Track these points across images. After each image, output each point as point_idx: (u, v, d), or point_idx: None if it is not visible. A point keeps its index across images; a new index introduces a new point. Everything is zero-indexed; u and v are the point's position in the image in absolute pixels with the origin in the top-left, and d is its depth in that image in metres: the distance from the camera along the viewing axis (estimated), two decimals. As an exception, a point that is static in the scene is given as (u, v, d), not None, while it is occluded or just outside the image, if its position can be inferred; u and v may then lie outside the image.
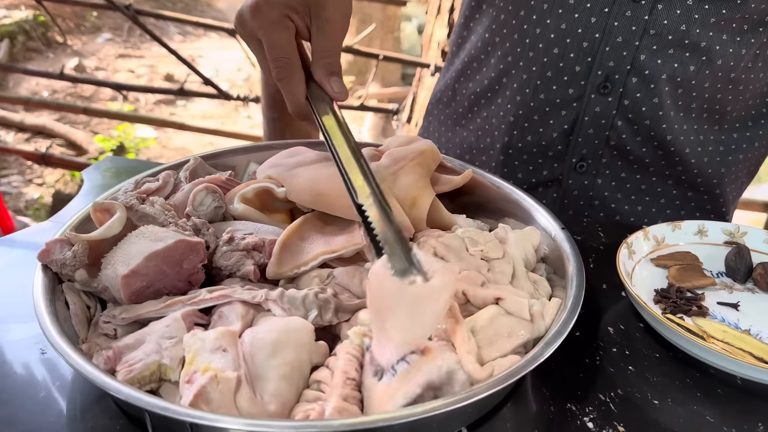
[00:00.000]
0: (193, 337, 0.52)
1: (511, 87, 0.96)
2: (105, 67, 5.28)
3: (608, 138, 0.92)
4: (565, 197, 0.99)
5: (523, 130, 0.97)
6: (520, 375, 0.49)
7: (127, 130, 4.02)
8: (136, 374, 0.51)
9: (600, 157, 0.94)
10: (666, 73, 0.85)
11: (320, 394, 0.51)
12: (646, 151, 0.92)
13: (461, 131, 1.07)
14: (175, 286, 0.60)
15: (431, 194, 0.73)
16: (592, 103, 0.90)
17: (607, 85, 0.88)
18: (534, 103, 0.94)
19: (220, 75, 5.31)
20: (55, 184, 3.61)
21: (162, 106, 4.76)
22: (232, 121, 4.70)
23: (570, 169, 0.96)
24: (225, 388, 0.48)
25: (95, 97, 4.72)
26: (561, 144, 0.95)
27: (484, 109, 1.02)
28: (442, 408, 0.45)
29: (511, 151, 0.99)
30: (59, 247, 0.60)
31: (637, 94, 0.88)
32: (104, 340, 0.57)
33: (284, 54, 0.66)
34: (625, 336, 0.66)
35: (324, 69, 0.68)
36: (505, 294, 0.57)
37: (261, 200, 0.74)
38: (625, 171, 0.95)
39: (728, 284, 0.73)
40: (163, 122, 3.14)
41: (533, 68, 0.92)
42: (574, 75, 0.89)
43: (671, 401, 0.58)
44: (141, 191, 0.71)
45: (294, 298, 0.58)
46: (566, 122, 0.93)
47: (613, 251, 0.73)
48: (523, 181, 1.01)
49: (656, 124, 0.89)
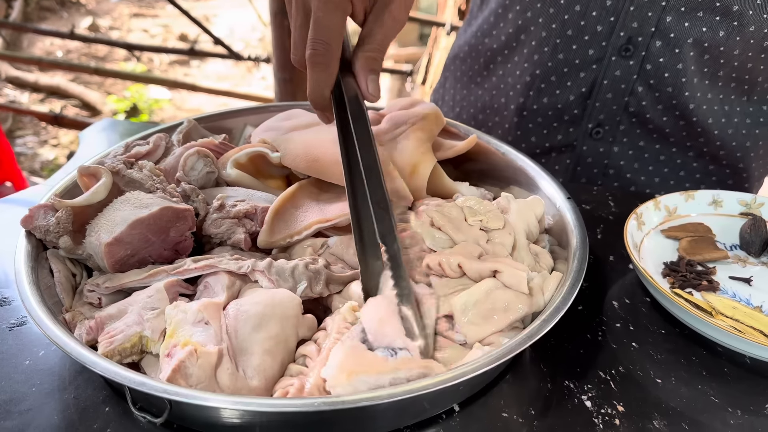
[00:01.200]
0: (175, 309, 0.50)
1: (529, 45, 0.91)
2: (119, 27, 5.24)
3: (627, 104, 0.87)
4: (578, 164, 0.95)
5: (539, 92, 0.92)
6: (514, 354, 0.47)
7: (140, 91, 3.99)
8: (117, 346, 0.49)
9: (618, 123, 0.90)
10: (693, 37, 0.80)
11: (304, 368, 0.49)
12: (666, 120, 0.87)
13: (476, 89, 1.03)
14: (162, 254, 0.58)
15: (432, 161, 0.70)
16: (613, 66, 0.85)
17: (629, 48, 0.83)
18: (552, 63, 0.89)
19: (234, 35, 5.24)
20: (70, 145, 3.61)
21: (176, 67, 4.72)
22: (246, 82, 4.65)
23: (585, 135, 0.92)
24: (205, 363, 0.46)
25: (109, 57, 4.69)
26: (577, 108, 0.91)
27: (500, 67, 0.98)
28: (432, 387, 0.43)
29: (525, 112, 0.95)
30: (43, 213, 0.58)
31: (660, 58, 0.82)
32: (88, 309, 0.55)
33: (329, 38, 0.58)
34: (631, 311, 0.64)
35: (366, 62, 0.62)
36: (503, 267, 0.54)
37: (255, 165, 0.72)
38: (643, 140, 0.90)
39: (742, 258, 0.70)
40: (176, 83, 3.10)
41: (553, 25, 0.87)
42: (595, 35, 0.85)
43: (675, 380, 0.56)
44: (130, 155, 0.68)
45: (282, 269, 0.55)
46: (584, 85, 0.89)
47: (623, 221, 0.70)
48: (536, 145, 0.97)
49: (679, 92, 0.84)
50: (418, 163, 0.69)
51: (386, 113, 0.78)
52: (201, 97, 4.18)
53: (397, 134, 0.73)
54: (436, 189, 0.72)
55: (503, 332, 0.52)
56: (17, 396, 0.51)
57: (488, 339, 0.51)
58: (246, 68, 4.74)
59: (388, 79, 4.16)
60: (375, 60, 0.63)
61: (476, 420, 0.51)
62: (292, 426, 0.47)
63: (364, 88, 0.62)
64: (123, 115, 3.78)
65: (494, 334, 0.52)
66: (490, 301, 0.53)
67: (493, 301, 0.53)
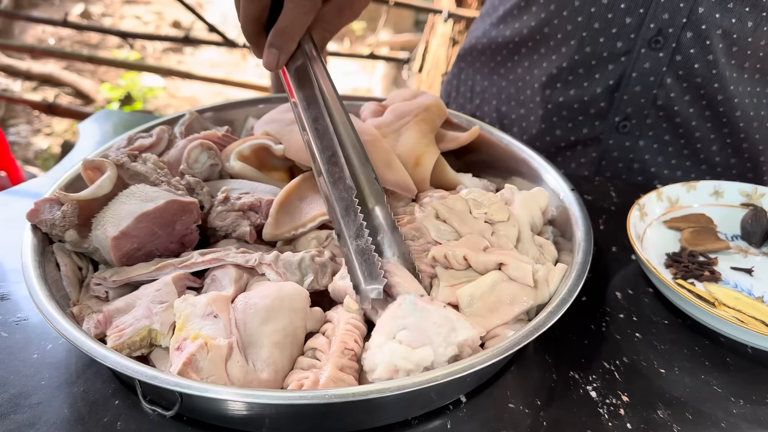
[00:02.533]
0: (184, 302, 0.50)
1: (554, 37, 0.90)
2: (111, 14, 5.19)
3: (655, 97, 0.87)
4: (603, 158, 0.94)
5: (566, 84, 0.91)
6: (520, 346, 0.47)
7: (133, 79, 3.96)
8: (126, 340, 0.50)
9: (645, 117, 0.89)
10: (722, 28, 0.79)
11: (315, 361, 0.49)
12: (693, 112, 0.87)
13: (499, 81, 1.02)
14: (168, 248, 0.59)
15: (436, 152, 0.71)
16: (642, 59, 0.84)
17: (659, 39, 0.82)
18: (579, 56, 0.88)
19: (228, 21, 5.20)
20: (64, 133, 3.59)
21: (170, 55, 4.68)
22: (240, 69, 4.62)
23: (612, 129, 0.91)
24: (215, 356, 0.46)
25: (102, 45, 4.64)
26: (604, 101, 0.90)
27: (524, 59, 0.97)
28: (440, 379, 0.44)
29: (550, 105, 0.94)
30: (48, 207, 0.58)
31: (690, 50, 0.82)
32: (96, 303, 0.56)
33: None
34: (634, 301, 0.64)
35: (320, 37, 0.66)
36: (508, 259, 0.55)
37: (258, 157, 0.72)
38: (669, 133, 0.90)
39: (743, 248, 0.71)
40: (170, 71, 3.09)
41: (579, 18, 0.86)
42: (624, 27, 0.84)
43: (678, 370, 0.57)
44: (134, 148, 0.68)
45: (289, 262, 0.56)
46: (612, 78, 0.88)
47: (625, 212, 0.70)
48: (561, 138, 0.96)
49: (708, 83, 0.83)
50: (421, 155, 0.70)
51: (388, 104, 0.78)
52: (195, 85, 4.15)
53: (400, 126, 0.73)
54: (440, 180, 0.72)
55: (508, 324, 0.52)
56: (27, 390, 0.51)
57: (494, 331, 0.52)
58: (240, 55, 4.70)
59: (382, 66, 4.15)
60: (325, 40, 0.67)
61: (483, 410, 0.51)
62: (302, 417, 0.48)
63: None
64: (117, 104, 3.75)
65: (500, 327, 0.52)
66: (496, 293, 0.53)
67: (499, 293, 0.53)
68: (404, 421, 0.50)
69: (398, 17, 4.71)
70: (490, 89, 1.03)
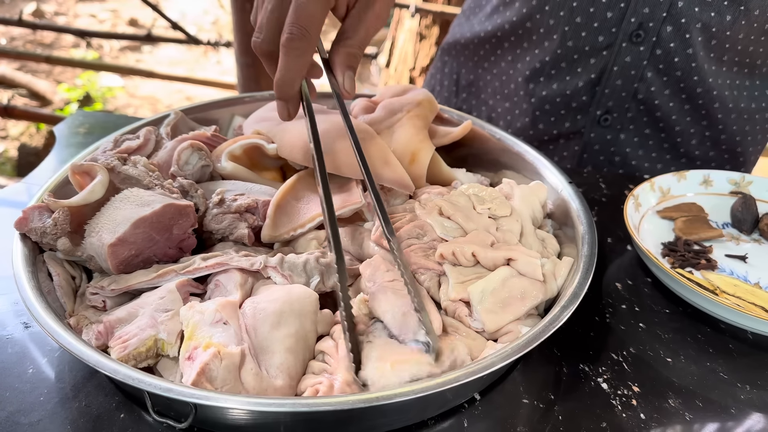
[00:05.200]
0: (191, 310, 0.48)
1: (537, 32, 0.90)
2: (65, 12, 5.04)
3: (636, 90, 0.88)
4: (585, 151, 0.95)
5: (549, 78, 0.92)
6: (539, 341, 0.47)
7: (91, 79, 3.85)
8: (132, 351, 0.48)
9: (626, 110, 0.90)
10: (702, 22, 0.80)
11: (326, 365, 0.48)
12: (673, 106, 0.88)
13: (484, 74, 1.02)
14: (166, 253, 0.57)
15: (431, 148, 0.70)
16: (623, 53, 0.85)
17: (639, 33, 0.83)
18: (561, 50, 0.89)
19: (187, 18, 5.10)
20: (20, 137, 3.47)
21: (127, 53, 4.57)
22: (201, 66, 4.53)
23: (593, 122, 0.92)
24: (229, 364, 0.45)
25: (57, 45, 4.51)
26: (586, 95, 0.91)
27: (507, 53, 0.97)
28: (461, 380, 0.43)
29: (534, 99, 0.94)
30: (38, 214, 0.55)
31: (670, 43, 0.83)
32: (93, 313, 0.53)
33: (310, 24, 0.55)
34: (634, 292, 0.65)
35: (346, 58, 0.60)
36: (517, 254, 0.54)
37: (250, 157, 0.70)
38: (649, 127, 0.91)
39: (734, 235, 0.72)
40: (132, 70, 3.01)
41: (561, 13, 0.86)
42: (605, 21, 0.84)
43: (684, 358, 0.57)
44: (121, 150, 0.66)
45: (294, 264, 0.54)
46: (594, 71, 0.88)
47: (616, 203, 0.71)
48: (544, 131, 0.96)
49: (687, 76, 0.85)
50: (417, 151, 0.69)
51: (379, 100, 0.77)
52: (155, 83, 4.07)
53: (393, 122, 0.72)
54: (434, 176, 0.71)
55: (520, 320, 0.52)
56: (25, 407, 0.49)
57: (506, 327, 0.51)
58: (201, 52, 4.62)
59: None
60: (354, 57, 0.61)
61: (498, 407, 0.51)
62: (319, 423, 0.47)
63: (341, 83, 0.61)
64: (76, 105, 3.65)
65: (512, 322, 0.52)
66: (507, 289, 0.53)
67: (510, 289, 0.53)
68: (421, 422, 0.49)
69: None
70: (477, 83, 1.03)
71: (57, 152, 0.84)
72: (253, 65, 2.38)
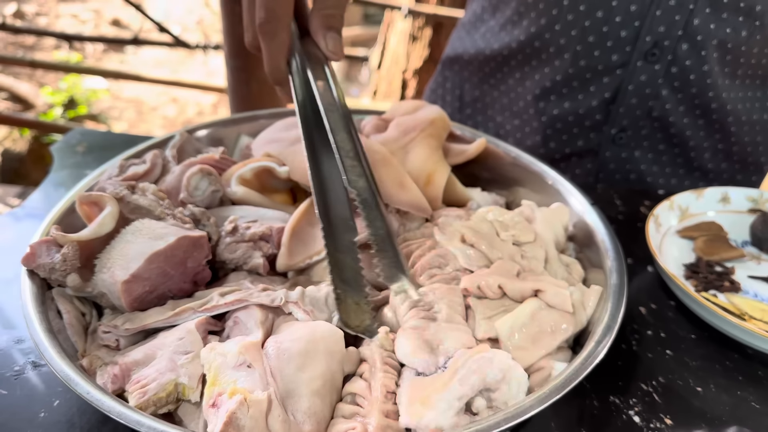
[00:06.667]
0: (212, 352, 0.46)
1: (547, 51, 0.89)
2: (46, 13, 4.96)
3: (651, 108, 0.86)
4: (600, 170, 0.94)
5: (560, 97, 0.90)
6: (577, 381, 0.45)
7: (75, 81, 3.79)
8: (151, 396, 0.45)
9: (640, 128, 0.88)
10: (717, 38, 0.79)
11: (357, 408, 0.46)
12: (687, 122, 0.87)
13: (491, 90, 1.00)
14: (181, 288, 0.54)
15: (447, 169, 0.68)
16: (638, 71, 0.84)
17: (654, 52, 0.81)
18: (573, 69, 0.87)
19: (171, 18, 5.04)
20: (3, 141, 3.41)
21: (111, 54, 4.51)
22: (186, 67, 4.48)
23: (608, 141, 0.91)
24: (256, 412, 0.43)
25: (39, 46, 4.43)
26: (600, 113, 0.89)
27: (515, 71, 0.95)
28: (503, 425, 0.42)
29: (544, 118, 0.92)
30: (45, 249, 0.53)
31: (686, 61, 0.82)
32: (105, 353, 0.51)
33: (276, 5, 0.57)
34: (658, 317, 0.63)
35: (322, 21, 0.60)
36: (545, 285, 0.53)
37: (260, 180, 0.68)
38: (663, 143, 0.90)
39: (755, 254, 0.71)
40: (118, 74, 2.96)
41: (572, 33, 0.85)
42: (619, 40, 0.83)
43: (714, 387, 0.56)
44: (128, 177, 0.63)
45: (316, 298, 0.52)
46: (608, 90, 0.87)
47: (632, 221, 0.69)
48: (557, 150, 0.95)
49: (702, 92, 0.84)
50: (432, 172, 0.67)
51: (390, 118, 0.75)
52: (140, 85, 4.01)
53: (407, 141, 0.70)
54: (450, 196, 0.70)
55: (551, 355, 0.51)
56: (37, 455, 0.47)
57: (538, 363, 0.50)
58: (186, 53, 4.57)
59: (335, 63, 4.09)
60: (332, 17, 0.61)
61: (530, 446, 0.50)
62: (350, 470, 0.45)
63: (323, 46, 0.61)
64: (60, 109, 3.58)
65: (544, 358, 0.50)
66: (537, 323, 0.51)
67: (540, 322, 0.51)
68: (453, 463, 0.48)
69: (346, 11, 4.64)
70: (482, 99, 1.01)
71: (55, 173, 0.81)
72: (244, 69, 2.34)
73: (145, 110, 3.79)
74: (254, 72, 2.32)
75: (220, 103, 3.88)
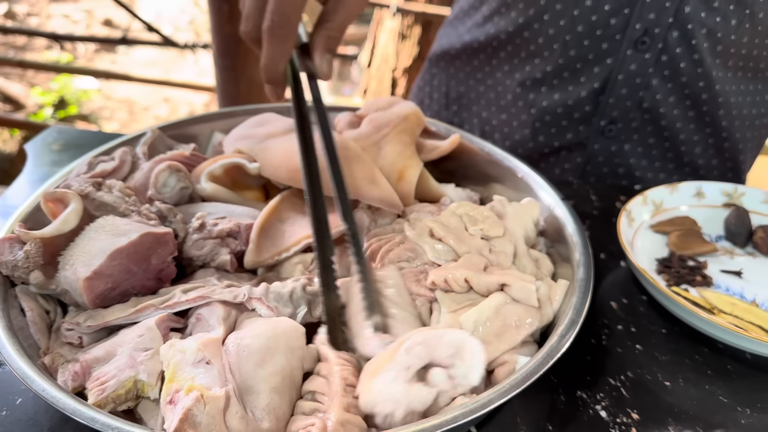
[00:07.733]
0: (171, 349, 0.46)
1: (535, 42, 0.88)
2: (38, 13, 4.94)
3: (641, 99, 0.85)
4: (588, 163, 0.93)
5: (550, 88, 0.89)
6: (538, 375, 0.45)
7: (66, 82, 3.78)
8: (110, 393, 0.45)
9: (630, 120, 0.87)
10: (707, 26, 0.79)
11: (317, 405, 0.46)
12: (677, 114, 0.86)
13: (477, 86, 0.99)
14: (144, 285, 0.54)
15: (419, 165, 0.68)
16: (628, 60, 0.83)
17: (645, 40, 0.80)
18: (563, 59, 0.86)
19: (162, 18, 5.03)
20: (-7, 141, 3.40)
21: (102, 54, 4.49)
22: (178, 67, 4.46)
23: (597, 133, 0.90)
24: (213, 409, 0.42)
25: (29, 46, 4.41)
26: (589, 105, 0.88)
27: (503, 63, 0.94)
28: (461, 419, 0.41)
29: (533, 110, 0.91)
30: (8, 247, 0.52)
31: (677, 49, 0.81)
32: (68, 350, 0.51)
33: (291, 11, 0.57)
34: (630, 311, 0.63)
35: (324, 42, 0.61)
36: (511, 279, 0.52)
37: (231, 177, 0.67)
38: (653, 136, 0.89)
39: (728, 249, 0.71)
40: (109, 74, 2.95)
41: (561, 22, 0.84)
42: (609, 28, 0.82)
43: (683, 381, 0.56)
44: (95, 174, 0.63)
45: (280, 294, 0.52)
46: (598, 80, 0.86)
47: (607, 216, 0.69)
48: (545, 144, 0.93)
49: (693, 82, 0.83)
50: (404, 168, 0.67)
51: (364, 114, 0.74)
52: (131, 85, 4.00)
53: (380, 138, 0.69)
54: (423, 192, 0.69)
55: (516, 348, 0.50)
56: (-3, 454, 0.46)
57: (501, 357, 0.50)
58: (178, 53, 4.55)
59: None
60: (334, 39, 0.62)
61: (495, 441, 0.49)
62: (310, 466, 0.44)
63: (318, 65, 0.62)
64: (51, 109, 3.57)
65: (507, 352, 0.50)
66: (501, 317, 0.51)
67: (504, 317, 0.51)
68: (416, 459, 0.47)
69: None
70: (468, 95, 1.00)
71: (29, 171, 0.80)
72: (232, 68, 2.34)
73: (137, 110, 3.78)
74: (243, 71, 2.31)
75: (211, 102, 3.87)
